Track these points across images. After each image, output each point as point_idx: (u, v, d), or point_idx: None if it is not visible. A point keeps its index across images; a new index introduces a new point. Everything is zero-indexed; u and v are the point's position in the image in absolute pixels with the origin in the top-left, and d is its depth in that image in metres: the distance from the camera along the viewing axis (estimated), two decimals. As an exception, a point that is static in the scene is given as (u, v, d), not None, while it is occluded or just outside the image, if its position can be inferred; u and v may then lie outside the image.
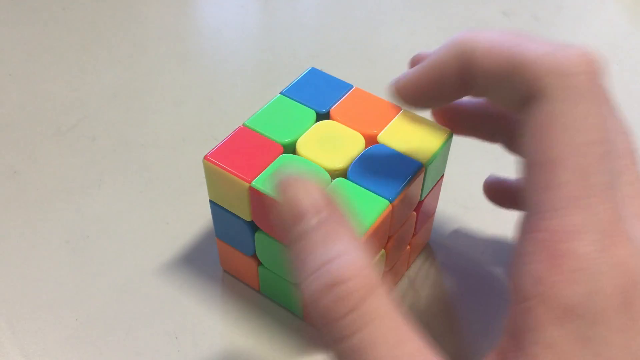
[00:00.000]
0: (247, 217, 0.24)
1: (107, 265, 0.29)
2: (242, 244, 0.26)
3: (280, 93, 0.27)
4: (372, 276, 0.16)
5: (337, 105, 0.26)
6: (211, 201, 0.26)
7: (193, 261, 0.29)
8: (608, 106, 0.18)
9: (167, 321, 0.27)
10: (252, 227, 0.25)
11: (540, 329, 0.16)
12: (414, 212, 0.26)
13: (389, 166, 0.24)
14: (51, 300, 0.28)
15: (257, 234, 0.25)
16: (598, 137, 0.17)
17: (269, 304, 0.28)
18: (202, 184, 0.33)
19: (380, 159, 0.24)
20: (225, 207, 0.25)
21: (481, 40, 0.19)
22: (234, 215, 0.25)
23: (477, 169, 0.34)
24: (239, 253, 0.27)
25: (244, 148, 0.24)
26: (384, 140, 0.25)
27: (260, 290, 0.28)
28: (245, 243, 0.26)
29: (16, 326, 0.27)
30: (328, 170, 0.24)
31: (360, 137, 0.25)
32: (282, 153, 0.24)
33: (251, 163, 0.24)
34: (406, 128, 0.25)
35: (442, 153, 0.25)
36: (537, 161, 0.17)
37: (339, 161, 0.24)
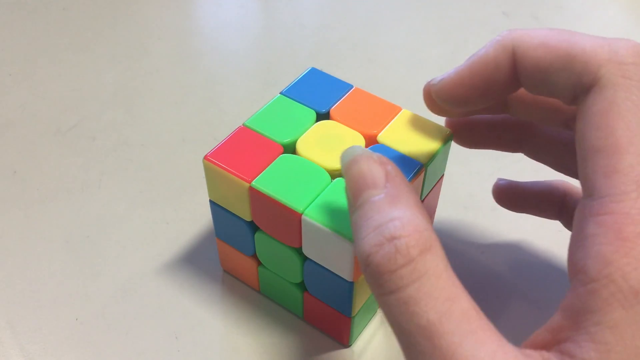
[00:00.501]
0: (247, 217, 0.24)
1: (107, 265, 0.29)
2: (242, 244, 0.26)
3: (280, 93, 0.27)
4: (430, 237, 0.17)
5: (337, 105, 0.26)
6: (211, 201, 0.26)
7: (193, 261, 0.29)
8: None
9: (167, 321, 0.27)
10: (252, 227, 0.25)
11: (605, 311, 0.16)
12: (414, 212, 0.26)
13: (389, 166, 0.24)
14: (51, 300, 0.28)
15: (257, 234, 0.25)
16: None
17: (269, 304, 0.28)
18: (202, 184, 0.33)
19: (380, 159, 0.24)
20: (225, 207, 0.25)
21: (532, 35, 0.19)
22: (234, 215, 0.25)
23: (477, 169, 0.34)
24: (239, 253, 0.27)
25: (244, 148, 0.24)
26: (384, 140, 0.25)
27: (260, 290, 0.28)
28: (245, 243, 0.26)
29: (16, 326, 0.27)
30: (328, 170, 0.24)
31: (360, 137, 0.25)
32: (282, 153, 0.24)
33: (251, 163, 0.24)
34: (406, 128, 0.25)
35: (442, 153, 0.25)
36: (599, 147, 0.17)
37: (339, 161, 0.24)
